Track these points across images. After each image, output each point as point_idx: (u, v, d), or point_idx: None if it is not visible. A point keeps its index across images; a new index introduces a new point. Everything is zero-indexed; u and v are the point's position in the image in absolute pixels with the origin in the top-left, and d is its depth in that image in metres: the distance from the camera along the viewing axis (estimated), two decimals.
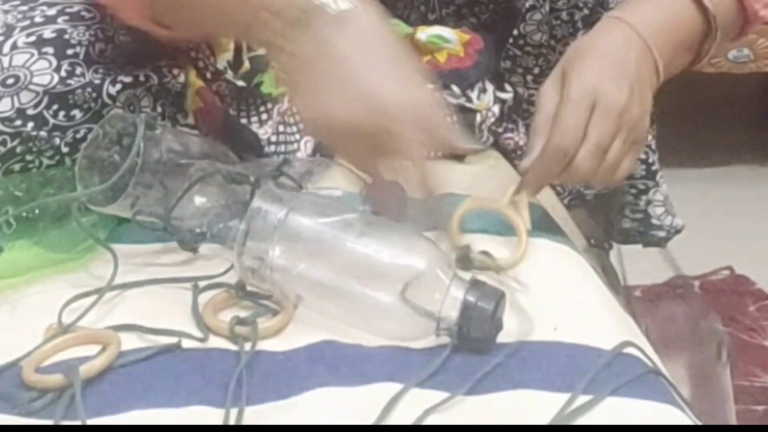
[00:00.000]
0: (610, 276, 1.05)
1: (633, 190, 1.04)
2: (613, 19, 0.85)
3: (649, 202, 1.06)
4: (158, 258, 0.77)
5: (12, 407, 0.59)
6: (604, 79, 0.80)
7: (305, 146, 0.92)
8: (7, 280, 0.73)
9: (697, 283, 1.82)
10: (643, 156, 1.00)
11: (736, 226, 2.03)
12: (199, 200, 0.75)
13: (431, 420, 0.58)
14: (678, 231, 1.09)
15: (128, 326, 0.66)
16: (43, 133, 0.78)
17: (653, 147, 1.03)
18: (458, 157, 0.98)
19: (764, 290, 1.79)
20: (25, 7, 0.82)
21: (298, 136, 0.91)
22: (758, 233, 2.00)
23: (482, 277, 0.68)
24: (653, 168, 1.03)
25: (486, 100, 0.96)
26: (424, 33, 0.95)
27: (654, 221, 1.07)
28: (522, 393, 0.61)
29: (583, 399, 0.60)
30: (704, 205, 2.03)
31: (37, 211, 0.76)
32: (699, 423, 0.63)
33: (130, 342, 0.65)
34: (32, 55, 0.79)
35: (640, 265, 1.15)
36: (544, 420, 0.58)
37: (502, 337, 0.65)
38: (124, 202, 0.73)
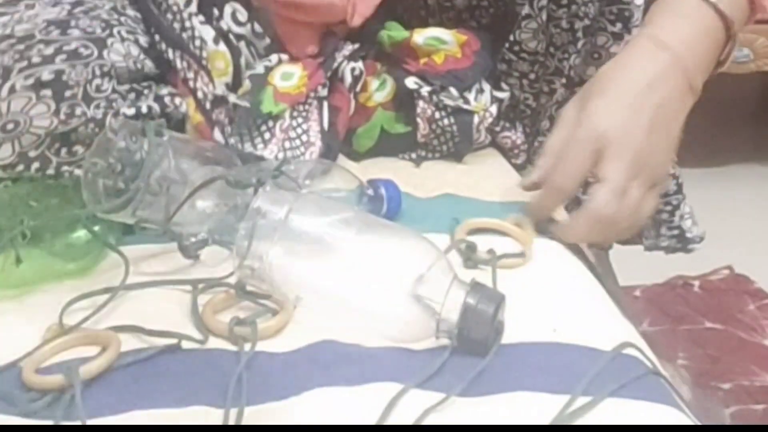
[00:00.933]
0: (609, 276, 1.05)
1: (668, 207, 1.03)
2: (646, 38, 0.84)
3: (681, 217, 1.04)
4: (159, 260, 0.77)
5: (12, 408, 0.59)
6: (617, 121, 0.79)
7: (311, 158, 0.92)
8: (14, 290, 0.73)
9: (697, 283, 1.81)
10: (672, 170, 0.99)
11: (736, 226, 2.03)
12: (201, 205, 0.75)
13: (431, 421, 0.58)
14: (702, 239, 1.08)
15: (128, 327, 0.66)
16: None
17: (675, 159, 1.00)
18: (457, 157, 0.98)
19: (764, 290, 1.79)
20: (21, 46, 0.80)
21: (303, 149, 0.91)
22: (758, 233, 2.00)
23: (481, 278, 0.68)
24: (680, 181, 1.02)
25: (483, 101, 0.96)
26: (421, 36, 0.95)
27: (687, 235, 1.05)
28: (521, 394, 0.61)
29: (582, 400, 0.60)
30: (704, 205, 2.02)
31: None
32: (699, 423, 0.63)
33: (129, 343, 0.65)
34: (30, 99, 0.78)
35: (640, 265, 1.14)
36: (544, 421, 0.58)
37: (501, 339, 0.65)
38: (129, 210, 0.74)
